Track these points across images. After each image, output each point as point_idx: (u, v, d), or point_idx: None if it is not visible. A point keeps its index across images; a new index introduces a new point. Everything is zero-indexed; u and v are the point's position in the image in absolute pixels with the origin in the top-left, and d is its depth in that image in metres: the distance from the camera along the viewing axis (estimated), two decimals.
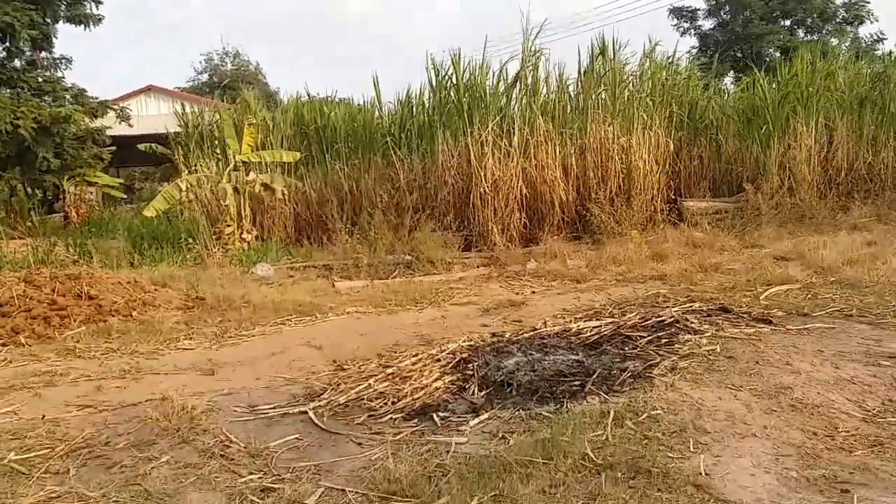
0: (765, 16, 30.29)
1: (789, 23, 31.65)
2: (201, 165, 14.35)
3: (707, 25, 32.90)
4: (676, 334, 5.95)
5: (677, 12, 33.13)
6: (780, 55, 26.20)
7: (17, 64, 20.13)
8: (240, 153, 13.54)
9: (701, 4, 32.76)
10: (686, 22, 33.13)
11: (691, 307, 7.26)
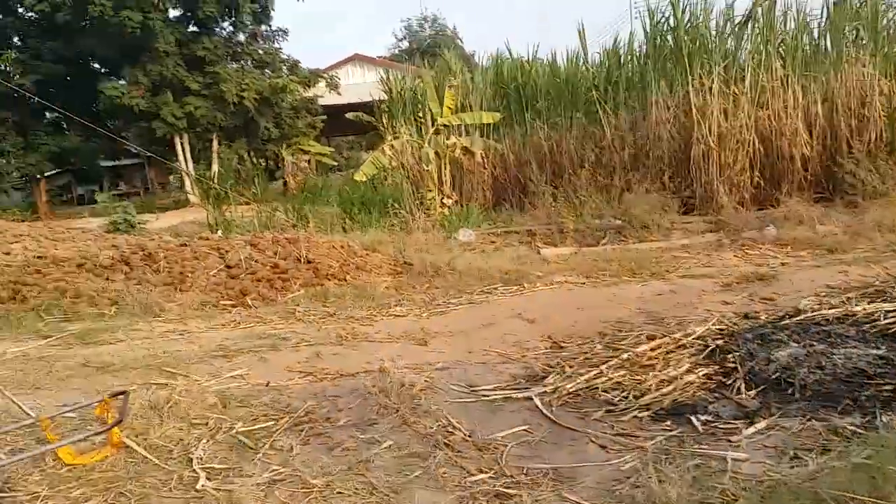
0: None
1: None
2: (404, 131, 14.41)
3: None
4: None
5: None
6: None
7: (241, 38, 21.80)
8: (441, 116, 13.33)
9: None
10: None
11: None
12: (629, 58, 14.58)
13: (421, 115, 14.51)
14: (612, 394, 4.31)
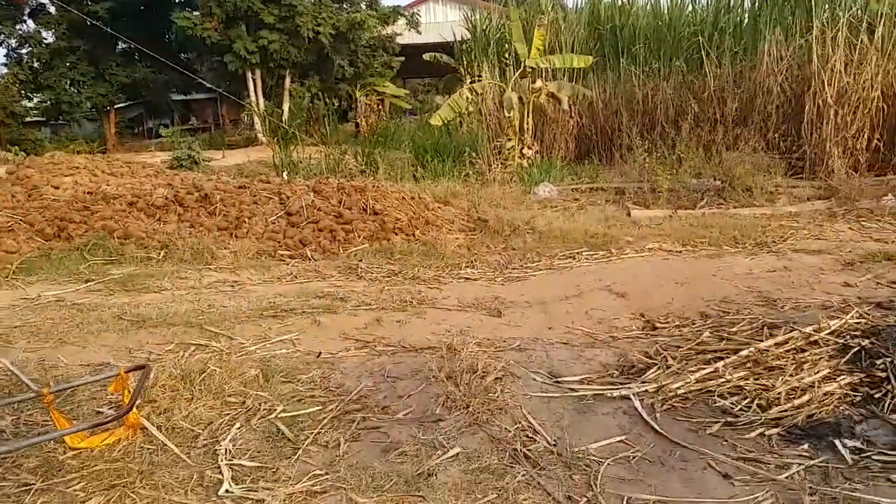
0: None
1: None
2: (486, 73, 13.34)
3: None
4: None
5: None
6: None
7: None
8: (528, 58, 12.20)
9: None
10: None
11: None
12: (740, 1, 13.06)
13: (506, 55, 13.39)
14: (731, 400, 3.49)
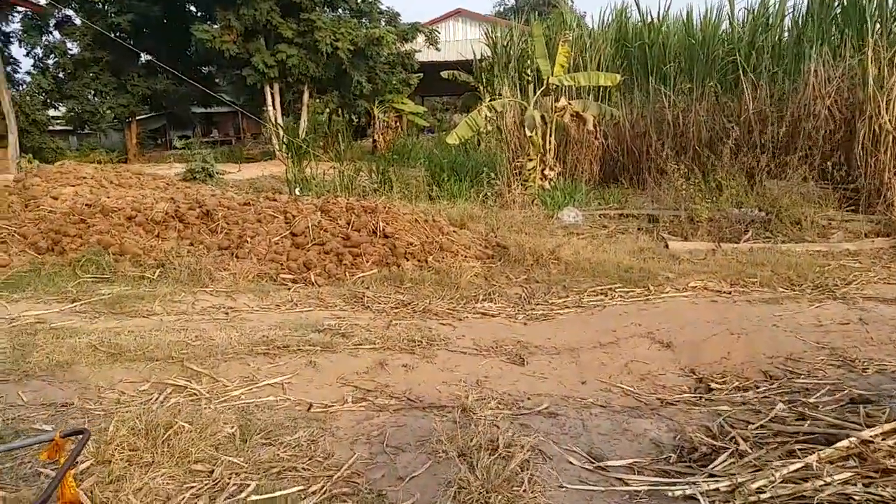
0: None
1: None
2: (507, 91, 12.69)
3: None
4: None
5: None
6: None
7: None
8: (552, 75, 11.53)
9: None
10: None
11: None
12: (778, 19, 12.33)
13: (528, 73, 12.74)
14: None
